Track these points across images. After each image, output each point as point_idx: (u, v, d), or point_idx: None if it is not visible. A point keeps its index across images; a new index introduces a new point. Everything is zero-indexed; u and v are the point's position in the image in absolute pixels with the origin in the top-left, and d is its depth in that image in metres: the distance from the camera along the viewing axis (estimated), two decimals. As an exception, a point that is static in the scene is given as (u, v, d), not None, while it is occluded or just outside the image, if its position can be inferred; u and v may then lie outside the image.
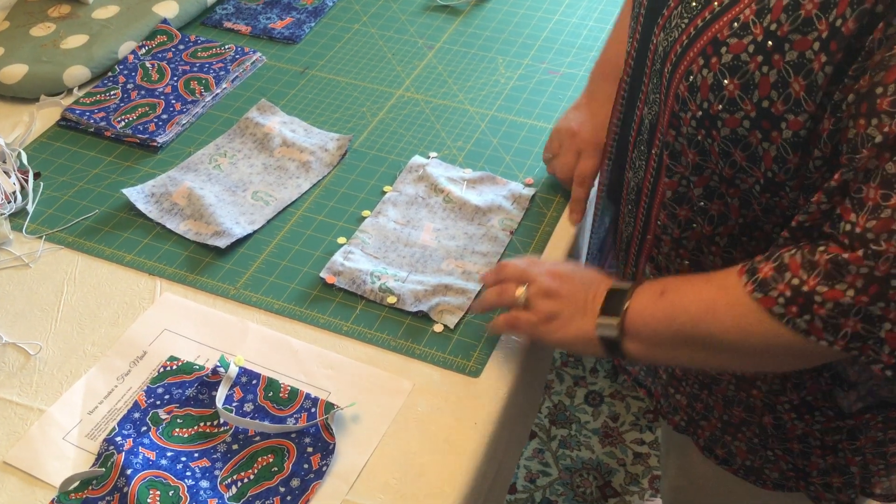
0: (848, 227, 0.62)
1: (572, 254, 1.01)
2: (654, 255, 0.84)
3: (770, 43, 0.63)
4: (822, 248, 0.65)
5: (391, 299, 0.92)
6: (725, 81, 0.66)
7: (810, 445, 0.83)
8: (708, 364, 0.81)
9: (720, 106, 0.67)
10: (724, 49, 0.66)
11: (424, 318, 0.91)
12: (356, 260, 0.97)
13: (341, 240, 1.00)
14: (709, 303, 0.72)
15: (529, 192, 1.05)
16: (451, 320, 0.90)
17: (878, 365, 0.65)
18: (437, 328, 0.90)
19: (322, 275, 0.96)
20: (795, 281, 0.65)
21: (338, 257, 0.97)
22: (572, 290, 0.82)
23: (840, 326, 0.64)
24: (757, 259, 0.70)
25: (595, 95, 1.01)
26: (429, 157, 1.11)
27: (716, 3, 0.68)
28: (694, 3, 0.70)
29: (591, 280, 0.83)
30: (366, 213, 1.04)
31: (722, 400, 0.86)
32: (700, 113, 0.69)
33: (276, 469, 0.78)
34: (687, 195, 0.76)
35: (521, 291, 0.83)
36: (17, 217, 1.05)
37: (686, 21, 0.70)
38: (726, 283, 0.71)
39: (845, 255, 0.62)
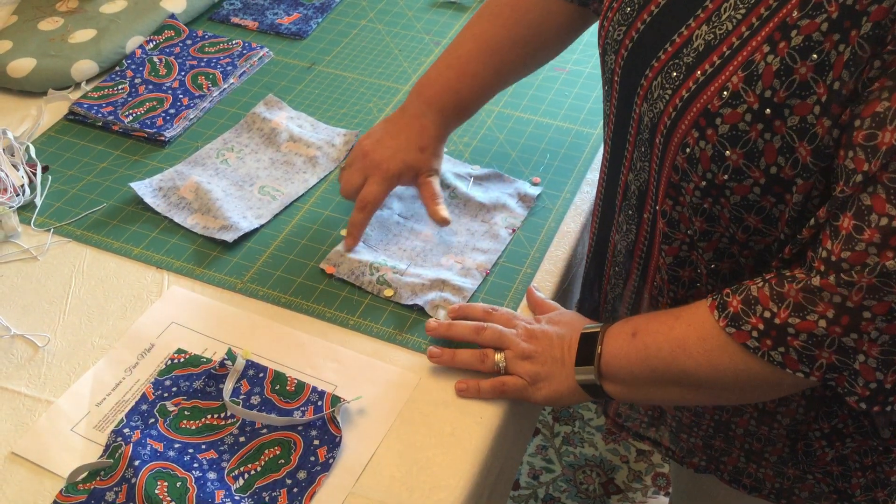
0: (824, 253, 0.62)
1: (576, 253, 1.01)
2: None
3: (768, 110, 0.62)
4: (789, 278, 0.65)
5: (388, 292, 0.93)
6: (727, 152, 0.65)
7: (850, 468, 0.83)
8: (687, 401, 0.81)
9: (726, 176, 0.66)
10: (718, 120, 0.65)
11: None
12: (357, 251, 0.97)
13: (343, 231, 1.01)
14: (680, 340, 0.72)
15: (535, 191, 1.05)
16: (446, 317, 0.91)
17: (853, 397, 0.65)
18: (433, 322, 0.90)
19: (322, 265, 0.96)
20: (767, 314, 0.65)
21: (339, 248, 0.98)
22: (548, 346, 0.83)
23: (815, 358, 0.64)
24: (725, 292, 0.70)
25: (406, 112, 1.00)
26: None
27: (698, 72, 0.66)
28: (675, 74, 0.68)
29: (562, 331, 0.83)
30: None
31: (743, 432, 0.86)
32: (704, 183, 0.68)
33: (282, 461, 0.78)
34: (689, 258, 0.76)
35: (500, 358, 0.84)
36: (25, 210, 1.06)
37: (669, 92, 0.69)
38: (695, 319, 0.71)
39: (817, 282, 0.62)
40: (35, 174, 1.09)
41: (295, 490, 0.76)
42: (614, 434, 1.87)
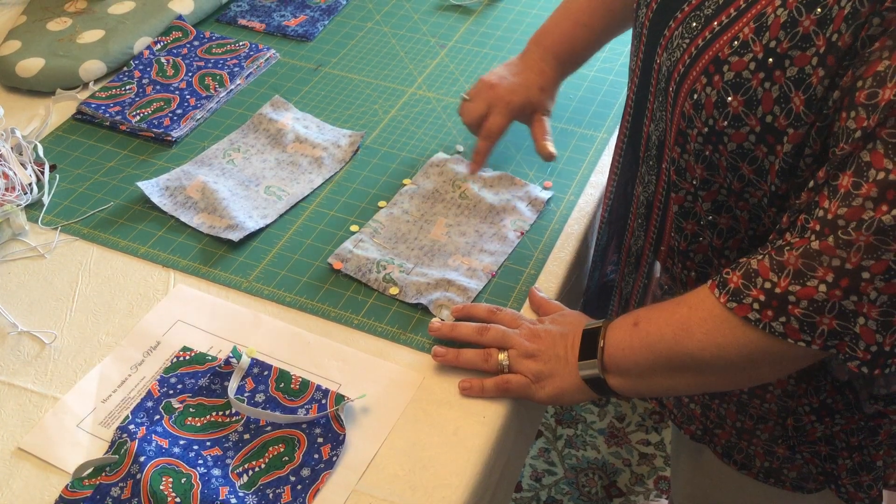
0: (821, 212, 0.63)
1: (580, 254, 1.02)
2: (669, 265, 0.86)
3: (771, 60, 0.64)
4: (787, 247, 0.65)
5: (393, 290, 0.93)
6: (729, 98, 0.67)
7: (837, 448, 0.84)
8: (692, 388, 0.82)
9: (725, 122, 0.68)
10: (725, 67, 0.67)
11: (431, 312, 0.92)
12: (365, 248, 0.98)
13: (354, 227, 1.02)
14: (682, 323, 0.73)
15: (546, 195, 1.05)
16: (450, 317, 0.91)
17: (854, 362, 0.65)
18: (436, 322, 0.91)
19: (330, 260, 0.97)
20: (767, 284, 0.66)
21: (348, 244, 0.99)
22: (550, 345, 0.84)
23: (816, 325, 0.64)
24: (724, 271, 0.70)
25: (526, 57, 1.08)
26: (454, 153, 1.12)
27: (715, 23, 0.69)
28: (694, 24, 0.71)
29: (565, 330, 0.85)
30: (382, 203, 1.05)
31: (735, 407, 0.87)
32: (706, 129, 0.70)
33: (286, 458, 0.79)
34: (693, 210, 0.78)
35: (503, 357, 0.85)
36: (32, 208, 1.06)
37: (687, 41, 0.71)
38: (697, 301, 0.72)
39: (816, 245, 0.63)
40: (43, 173, 1.10)
41: (299, 487, 0.77)
42: (615, 437, 1.88)
